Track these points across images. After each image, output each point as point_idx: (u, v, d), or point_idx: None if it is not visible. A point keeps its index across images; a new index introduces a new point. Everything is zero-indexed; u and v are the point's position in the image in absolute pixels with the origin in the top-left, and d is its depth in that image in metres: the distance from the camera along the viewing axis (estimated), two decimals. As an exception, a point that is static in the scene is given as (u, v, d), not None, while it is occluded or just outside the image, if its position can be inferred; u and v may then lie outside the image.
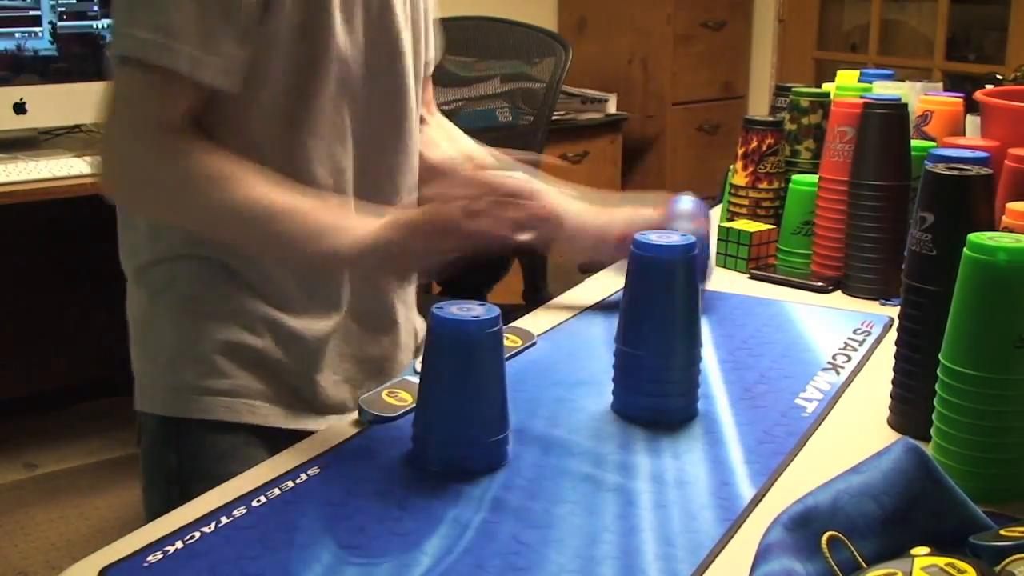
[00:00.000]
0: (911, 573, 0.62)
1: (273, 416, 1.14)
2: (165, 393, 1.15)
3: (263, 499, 0.85)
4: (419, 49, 1.24)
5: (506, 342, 1.06)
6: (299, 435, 1.13)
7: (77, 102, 2.47)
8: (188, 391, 1.13)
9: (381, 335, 1.24)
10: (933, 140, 1.44)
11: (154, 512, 1.15)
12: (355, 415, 1.00)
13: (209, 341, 1.13)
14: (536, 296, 2.26)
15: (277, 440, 1.12)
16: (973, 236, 0.84)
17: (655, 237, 0.98)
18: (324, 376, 1.17)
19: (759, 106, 4.13)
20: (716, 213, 1.68)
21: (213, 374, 1.13)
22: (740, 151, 1.51)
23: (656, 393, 0.99)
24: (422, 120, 1.33)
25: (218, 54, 1.03)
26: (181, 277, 1.14)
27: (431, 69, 1.33)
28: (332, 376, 1.18)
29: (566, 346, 1.17)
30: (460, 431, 0.89)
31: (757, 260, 1.46)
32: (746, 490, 0.87)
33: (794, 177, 1.45)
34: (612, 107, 3.85)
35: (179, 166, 1.04)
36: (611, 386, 1.02)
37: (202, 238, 1.12)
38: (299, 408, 1.16)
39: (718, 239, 1.48)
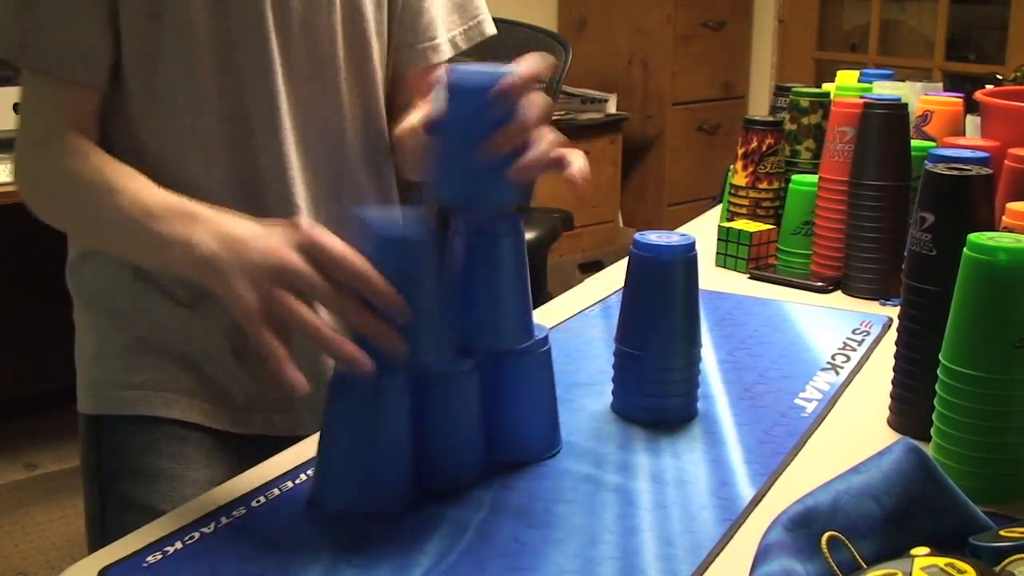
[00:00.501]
0: (911, 573, 0.62)
1: (191, 411, 1.10)
2: (87, 391, 1.14)
3: (263, 499, 0.85)
4: (357, 31, 1.11)
5: None
6: (226, 432, 1.11)
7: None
8: (106, 387, 1.12)
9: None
10: (933, 140, 1.43)
11: (87, 514, 1.12)
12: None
13: (125, 336, 1.11)
14: (536, 296, 2.25)
15: (207, 433, 1.10)
16: (973, 236, 0.84)
17: (655, 237, 0.98)
18: (245, 375, 1.12)
19: (759, 106, 4.13)
20: (716, 213, 1.69)
21: (129, 369, 1.10)
22: (740, 151, 1.51)
23: (656, 393, 0.99)
24: (410, 104, 1.18)
25: (82, 49, 0.99)
26: (98, 274, 1.12)
27: (407, 55, 1.18)
28: (250, 377, 1.12)
29: (566, 346, 1.17)
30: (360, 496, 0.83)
31: (757, 260, 1.46)
32: (746, 490, 0.87)
33: (794, 177, 1.45)
34: (612, 107, 3.85)
35: (61, 168, 1.00)
36: (611, 386, 1.02)
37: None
38: (224, 405, 1.12)
39: (718, 239, 1.48)
